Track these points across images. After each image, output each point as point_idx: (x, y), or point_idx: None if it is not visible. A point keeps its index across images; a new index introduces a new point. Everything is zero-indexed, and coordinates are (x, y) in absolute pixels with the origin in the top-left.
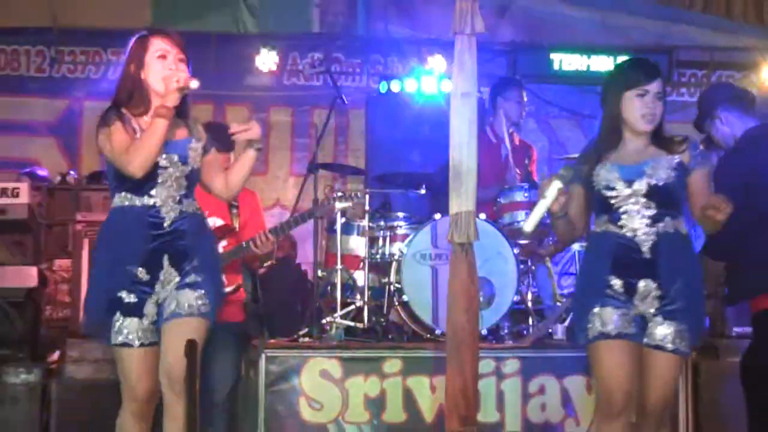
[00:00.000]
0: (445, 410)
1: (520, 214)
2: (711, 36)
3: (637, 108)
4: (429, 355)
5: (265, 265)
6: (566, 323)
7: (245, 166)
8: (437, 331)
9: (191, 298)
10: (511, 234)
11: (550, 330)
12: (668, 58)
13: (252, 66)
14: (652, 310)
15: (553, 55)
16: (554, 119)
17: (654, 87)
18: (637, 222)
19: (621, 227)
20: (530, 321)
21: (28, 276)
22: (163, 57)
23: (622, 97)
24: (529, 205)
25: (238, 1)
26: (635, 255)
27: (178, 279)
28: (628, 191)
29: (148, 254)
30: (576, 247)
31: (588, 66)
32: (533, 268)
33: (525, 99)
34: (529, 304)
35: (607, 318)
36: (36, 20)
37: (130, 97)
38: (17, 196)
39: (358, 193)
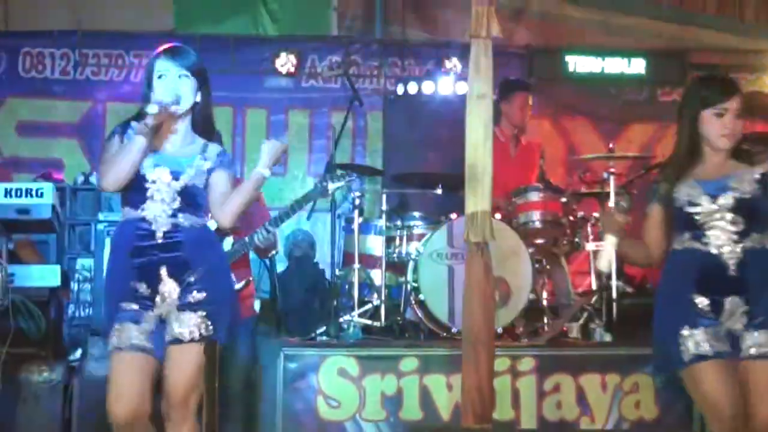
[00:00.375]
0: (461, 408)
1: (535, 214)
2: (723, 38)
3: (716, 128)
4: (445, 353)
5: (270, 255)
6: (581, 322)
7: (246, 191)
8: (453, 330)
9: (191, 322)
10: (526, 233)
11: (565, 328)
12: (681, 60)
13: (271, 68)
14: (740, 326)
15: (567, 58)
16: (569, 121)
17: (733, 105)
18: (723, 238)
19: (705, 244)
20: (545, 320)
21: (51, 275)
22: (162, 77)
23: (700, 116)
24: (544, 205)
25: (258, 4)
26: (722, 273)
27: (179, 291)
28: (713, 207)
29: (146, 267)
30: (591, 246)
31: (602, 68)
32: (548, 267)
33: (530, 103)
34: (545, 302)
35: (700, 339)
36: (61, 24)
37: (143, 115)
38: (41, 196)
39: (349, 172)
